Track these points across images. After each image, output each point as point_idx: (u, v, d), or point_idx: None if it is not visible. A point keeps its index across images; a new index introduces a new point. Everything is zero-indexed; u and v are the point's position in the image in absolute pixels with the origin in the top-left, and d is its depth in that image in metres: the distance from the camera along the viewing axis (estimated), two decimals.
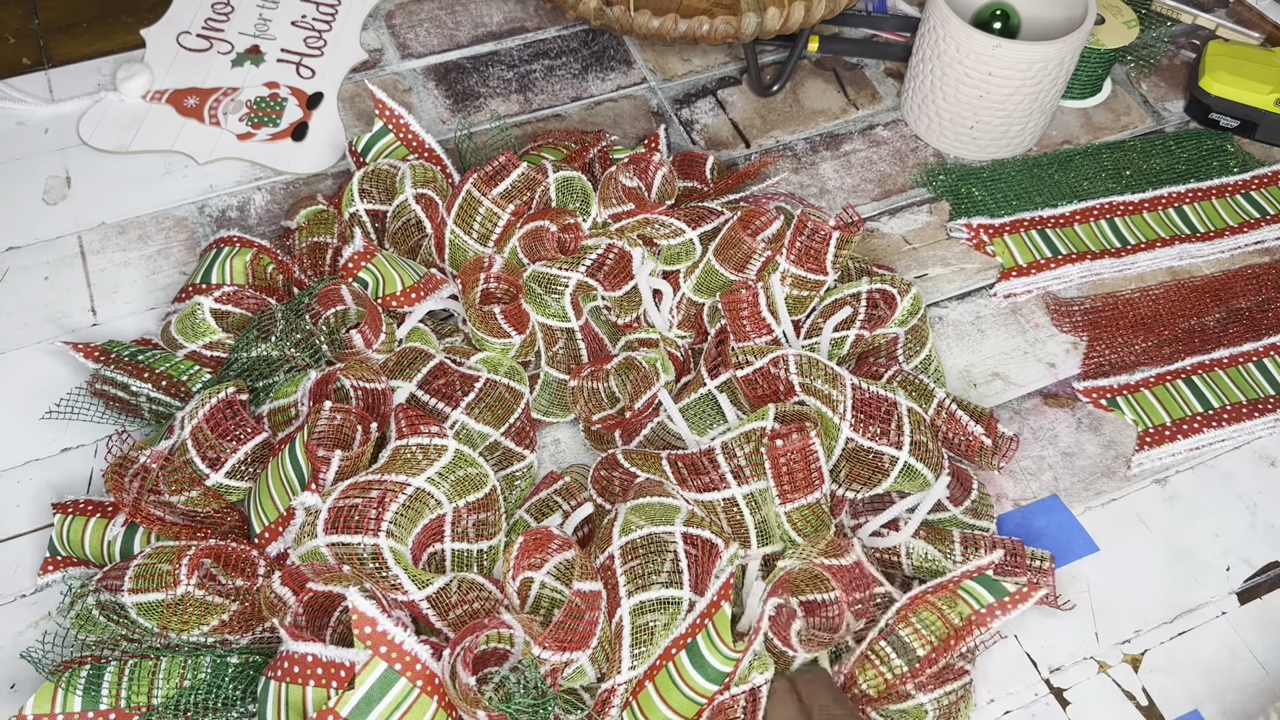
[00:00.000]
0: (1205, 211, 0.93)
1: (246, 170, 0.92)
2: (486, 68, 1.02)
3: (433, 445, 0.67)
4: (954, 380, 0.82)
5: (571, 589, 0.61)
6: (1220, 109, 0.99)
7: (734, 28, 0.92)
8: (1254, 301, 0.88)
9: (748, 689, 0.59)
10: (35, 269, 0.85)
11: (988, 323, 0.86)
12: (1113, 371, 0.83)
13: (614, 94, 1.01)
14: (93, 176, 0.91)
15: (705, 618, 0.60)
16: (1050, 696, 0.67)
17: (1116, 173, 0.96)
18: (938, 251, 0.90)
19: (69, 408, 0.76)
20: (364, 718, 0.54)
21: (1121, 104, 1.03)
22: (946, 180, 0.95)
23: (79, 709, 0.58)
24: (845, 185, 0.95)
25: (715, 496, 0.67)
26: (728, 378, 0.73)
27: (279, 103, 0.97)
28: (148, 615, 0.62)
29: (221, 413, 0.68)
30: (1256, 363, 0.84)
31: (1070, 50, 0.88)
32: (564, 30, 1.06)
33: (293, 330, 0.73)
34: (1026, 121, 0.94)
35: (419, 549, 0.65)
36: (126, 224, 0.88)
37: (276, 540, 0.65)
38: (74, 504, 0.69)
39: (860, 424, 0.68)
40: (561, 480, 0.73)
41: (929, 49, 0.92)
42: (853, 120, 1.00)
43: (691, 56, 1.05)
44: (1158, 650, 0.69)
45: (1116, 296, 0.87)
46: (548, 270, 0.77)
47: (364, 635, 0.55)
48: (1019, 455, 0.78)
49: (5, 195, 0.90)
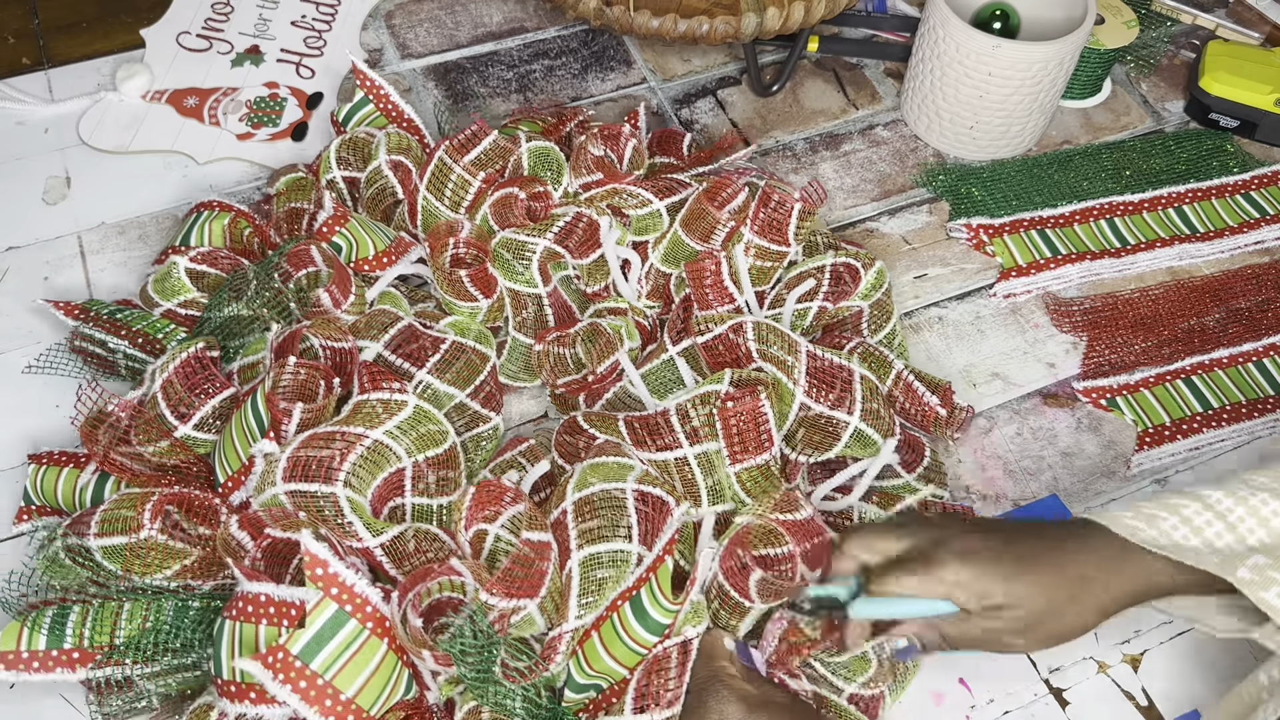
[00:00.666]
0: (1205, 211, 0.93)
1: (246, 170, 0.92)
2: (486, 68, 1.02)
3: (393, 400, 0.68)
4: (954, 380, 0.82)
5: (520, 538, 0.61)
6: (1220, 109, 0.99)
7: (734, 28, 0.92)
8: (1254, 301, 0.88)
9: (680, 641, 0.61)
10: (35, 269, 0.85)
11: (987, 323, 0.86)
12: (1112, 371, 0.83)
13: (614, 94, 1.01)
14: (92, 176, 0.91)
15: (650, 571, 0.61)
16: (1050, 697, 0.67)
17: (1116, 173, 0.96)
18: (937, 251, 0.90)
19: (48, 363, 0.77)
20: (314, 656, 0.55)
21: (1121, 104, 1.03)
22: (946, 180, 0.95)
23: (44, 647, 0.60)
24: (845, 185, 0.95)
25: (668, 456, 0.68)
26: (690, 344, 0.75)
27: (279, 103, 0.97)
28: (112, 559, 0.63)
29: (191, 367, 0.70)
30: (1256, 363, 0.84)
31: (1070, 50, 0.88)
32: (564, 30, 1.06)
33: (264, 290, 0.75)
34: (1026, 121, 0.94)
35: (380, 502, 0.67)
36: (126, 224, 0.88)
37: (239, 489, 0.66)
38: (49, 455, 0.71)
39: (814, 390, 0.70)
40: (526, 443, 0.74)
41: (929, 49, 0.92)
42: (852, 120, 1.00)
43: (691, 56, 1.05)
44: (1157, 650, 0.69)
45: (1116, 296, 0.87)
46: (515, 236, 0.78)
47: (315, 577, 0.56)
48: (1019, 455, 0.78)
49: (5, 195, 0.90)
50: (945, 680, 0.68)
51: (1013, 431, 0.79)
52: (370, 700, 0.57)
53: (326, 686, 0.55)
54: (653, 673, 0.60)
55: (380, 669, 0.58)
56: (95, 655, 0.60)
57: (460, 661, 0.57)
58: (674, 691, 0.59)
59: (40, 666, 0.60)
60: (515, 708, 0.59)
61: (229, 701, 0.57)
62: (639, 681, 0.60)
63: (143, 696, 0.62)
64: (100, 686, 0.60)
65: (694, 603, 0.62)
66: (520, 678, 0.59)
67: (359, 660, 0.57)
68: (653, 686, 0.59)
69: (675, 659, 0.60)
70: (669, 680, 0.59)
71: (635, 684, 0.60)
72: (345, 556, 0.60)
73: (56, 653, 0.60)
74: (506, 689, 0.59)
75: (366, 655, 0.57)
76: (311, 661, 0.55)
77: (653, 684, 0.59)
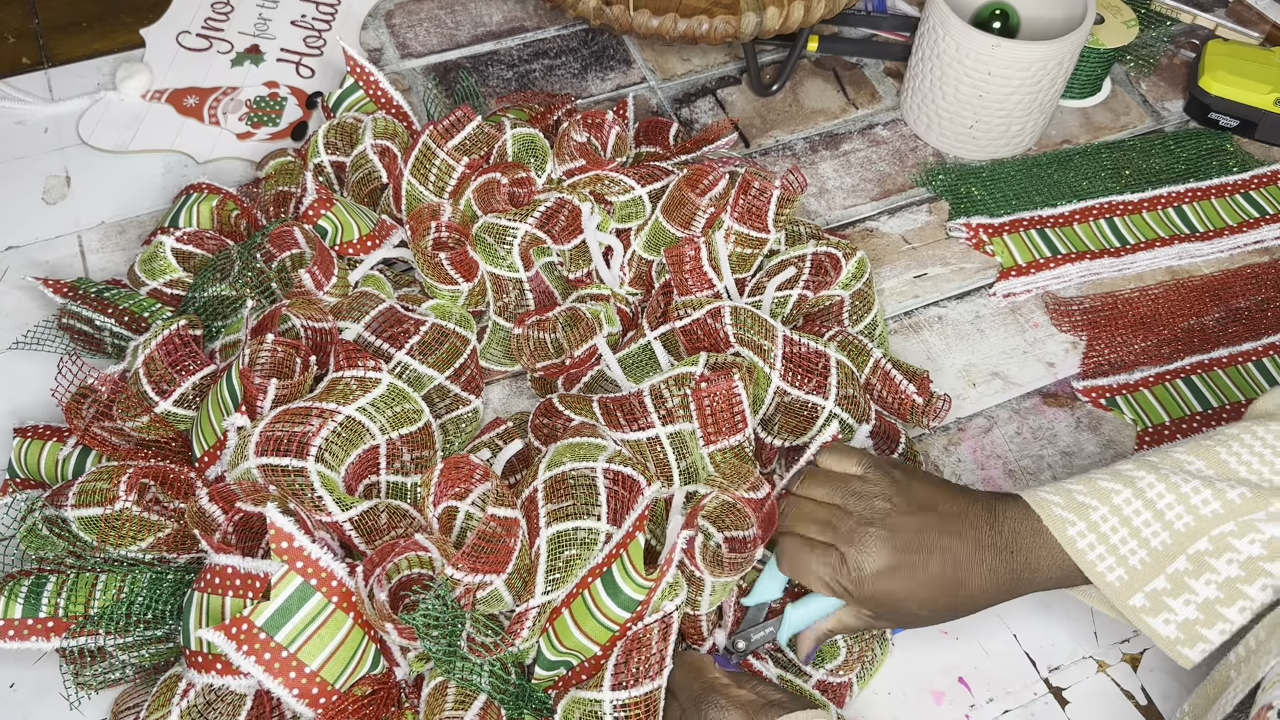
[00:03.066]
0: (1205, 211, 0.93)
1: (246, 170, 0.92)
2: (486, 67, 1.02)
3: (368, 378, 0.69)
4: (954, 379, 0.82)
5: (486, 513, 0.62)
6: (1220, 108, 0.99)
7: (733, 27, 0.92)
8: (1253, 301, 0.88)
9: (660, 616, 0.61)
10: (35, 269, 0.85)
11: (987, 322, 0.86)
12: (1112, 371, 0.83)
13: (614, 93, 1.01)
14: (92, 176, 0.91)
15: (621, 547, 0.61)
16: (1049, 696, 0.68)
17: (1116, 172, 0.96)
18: (937, 251, 0.90)
19: (35, 339, 0.78)
20: (278, 629, 0.56)
21: (1121, 104, 1.03)
22: (946, 180, 0.95)
23: (19, 615, 0.61)
24: (844, 185, 0.95)
25: (641, 436, 0.69)
26: (668, 329, 0.76)
27: (278, 102, 0.97)
28: (88, 530, 0.64)
29: (174, 344, 0.70)
30: (1256, 362, 0.84)
31: (1070, 50, 0.88)
32: (563, 30, 1.06)
33: (247, 270, 0.76)
34: (1026, 121, 0.94)
35: (354, 479, 0.67)
36: (126, 223, 0.88)
37: (215, 464, 0.67)
38: (33, 429, 0.72)
39: (790, 375, 0.71)
40: (504, 425, 0.75)
41: (928, 48, 0.92)
42: (852, 120, 1.00)
43: (691, 56, 1.05)
44: (1157, 650, 0.69)
45: (1116, 296, 0.87)
46: (498, 221, 0.78)
47: (281, 551, 0.57)
48: (1018, 454, 0.78)
49: (5, 195, 0.90)
50: (945, 680, 0.68)
51: (1012, 431, 0.79)
52: (335, 674, 0.58)
53: (290, 659, 0.56)
54: (633, 650, 0.59)
55: (345, 643, 0.58)
56: (69, 625, 0.61)
57: (425, 636, 0.57)
58: (655, 668, 0.59)
59: (15, 635, 0.61)
60: (481, 683, 0.59)
61: (196, 672, 0.58)
62: (618, 659, 0.60)
63: (117, 667, 0.62)
64: (74, 656, 0.61)
65: (672, 577, 0.62)
66: (486, 653, 0.59)
67: (324, 634, 0.57)
68: (632, 664, 0.59)
69: (656, 635, 0.60)
70: (650, 656, 0.59)
71: (614, 661, 0.60)
72: (314, 531, 0.60)
73: (32, 621, 0.61)
74: (473, 664, 0.59)
75: (331, 629, 0.57)
76: (276, 634, 0.56)
77: (632, 661, 0.59)
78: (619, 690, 0.58)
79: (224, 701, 0.58)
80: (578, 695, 0.60)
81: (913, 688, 0.67)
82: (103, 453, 0.69)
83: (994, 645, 0.69)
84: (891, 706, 0.67)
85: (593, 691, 0.59)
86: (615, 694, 0.59)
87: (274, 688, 0.56)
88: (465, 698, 0.60)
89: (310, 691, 0.57)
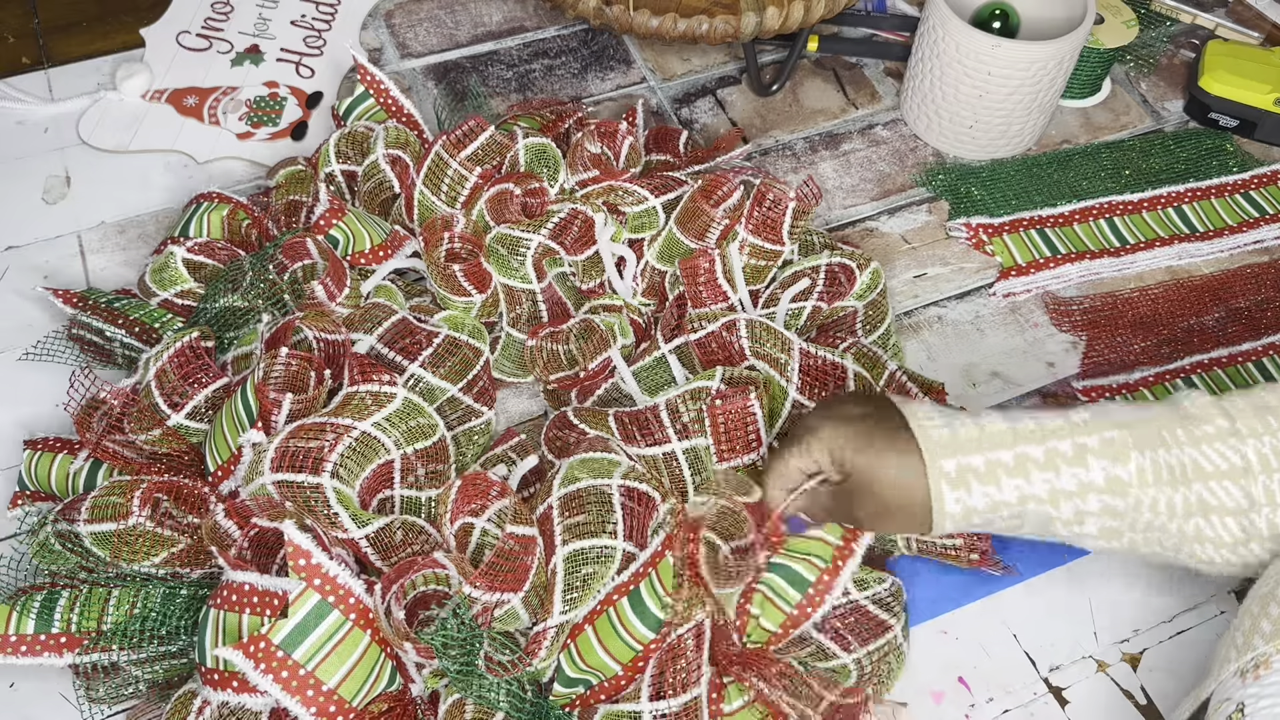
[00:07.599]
0: (1204, 211, 0.93)
1: (246, 170, 0.92)
2: (486, 67, 1.02)
3: (382, 392, 0.68)
4: (954, 379, 0.82)
5: (504, 532, 0.62)
6: (1220, 108, 0.99)
7: (733, 27, 0.92)
8: (1253, 301, 0.88)
9: (693, 626, 0.61)
10: (35, 269, 0.85)
11: (987, 322, 0.86)
12: (1112, 371, 0.83)
13: (613, 93, 1.01)
14: (92, 176, 0.91)
15: (649, 566, 0.61)
16: (1049, 695, 0.68)
17: (1116, 172, 0.96)
18: (937, 251, 0.90)
19: (45, 350, 0.78)
20: (296, 646, 0.55)
21: (1121, 103, 1.03)
22: (946, 180, 0.95)
23: (32, 631, 0.60)
24: (844, 185, 0.95)
25: (656, 451, 0.68)
26: (683, 342, 0.75)
27: (278, 102, 0.97)
28: (101, 545, 0.63)
29: (185, 356, 0.70)
30: (1256, 362, 0.84)
31: (1070, 50, 0.88)
32: (563, 30, 1.06)
33: (259, 281, 0.75)
34: (1026, 121, 0.94)
35: (368, 494, 0.67)
36: (126, 223, 0.88)
37: (229, 479, 0.67)
38: (44, 441, 0.71)
39: (807, 388, 0.71)
40: (517, 437, 0.75)
41: (928, 48, 0.92)
42: (852, 120, 1.00)
43: (691, 56, 1.05)
44: (1156, 649, 0.70)
45: (1115, 296, 0.87)
46: (510, 232, 0.78)
47: (298, 568, 0.56)
48: None
49: (5, 195, 0.90)
50: (945, 679, 0.68)
51: None
52: (352, 691, 0.57)
53: (308, 677, 0.56)
54: (668, 661, 0.59)
55: (363, 660, 0.58)
56: (82, 640, 0.60)
57: (443, 655, 0.57)
58: (692, 677, 0.59)
59: (28, 650, 0.60)
60: (499, 701, 0.59)
61: (212, 689, 0.57)
62: (654, 671, 0.59)
63: (130, 683, 0.62)
64: (87, 671, 0.61)
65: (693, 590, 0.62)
66: (504, 671, 0.59)
67: (341, 651, 0.57)
68: (668, 675, 0.59)
69: (691, 645, 0.60)
70: (687, 666, 0.59)
71: (650, 674, 0.59)
72: (331, 548, 0.60)
73: (45, 637, 0.61)
74: (490, 682, 0.59)
75: (349, 646, 0.57)
76: (293, 651, 0.55)
77: (668, 672, 0.59)
78: (658, 700, 0.59)
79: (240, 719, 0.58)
80: (612, 710, 0.60)
81: (913, 688, 0.67)
82: (114, 466, 0.68)
83: (994, 645, 0.69)
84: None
85: (630, 704, 0.59)
86: (655, 704, 0.59)
87: (291, 705, 0.56)
88: (482, 715, 0.60)
89: (328, 709, 0.56)
